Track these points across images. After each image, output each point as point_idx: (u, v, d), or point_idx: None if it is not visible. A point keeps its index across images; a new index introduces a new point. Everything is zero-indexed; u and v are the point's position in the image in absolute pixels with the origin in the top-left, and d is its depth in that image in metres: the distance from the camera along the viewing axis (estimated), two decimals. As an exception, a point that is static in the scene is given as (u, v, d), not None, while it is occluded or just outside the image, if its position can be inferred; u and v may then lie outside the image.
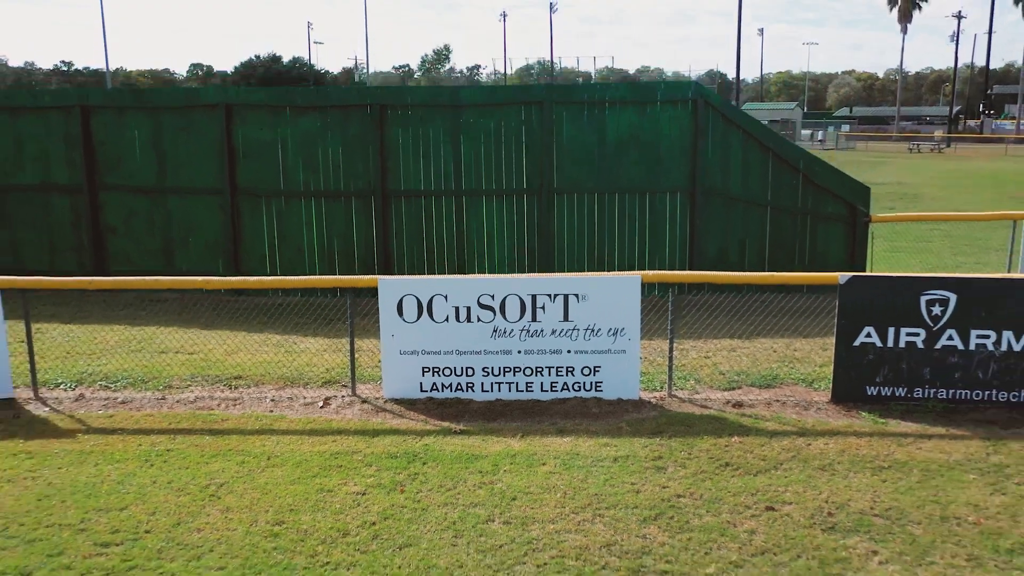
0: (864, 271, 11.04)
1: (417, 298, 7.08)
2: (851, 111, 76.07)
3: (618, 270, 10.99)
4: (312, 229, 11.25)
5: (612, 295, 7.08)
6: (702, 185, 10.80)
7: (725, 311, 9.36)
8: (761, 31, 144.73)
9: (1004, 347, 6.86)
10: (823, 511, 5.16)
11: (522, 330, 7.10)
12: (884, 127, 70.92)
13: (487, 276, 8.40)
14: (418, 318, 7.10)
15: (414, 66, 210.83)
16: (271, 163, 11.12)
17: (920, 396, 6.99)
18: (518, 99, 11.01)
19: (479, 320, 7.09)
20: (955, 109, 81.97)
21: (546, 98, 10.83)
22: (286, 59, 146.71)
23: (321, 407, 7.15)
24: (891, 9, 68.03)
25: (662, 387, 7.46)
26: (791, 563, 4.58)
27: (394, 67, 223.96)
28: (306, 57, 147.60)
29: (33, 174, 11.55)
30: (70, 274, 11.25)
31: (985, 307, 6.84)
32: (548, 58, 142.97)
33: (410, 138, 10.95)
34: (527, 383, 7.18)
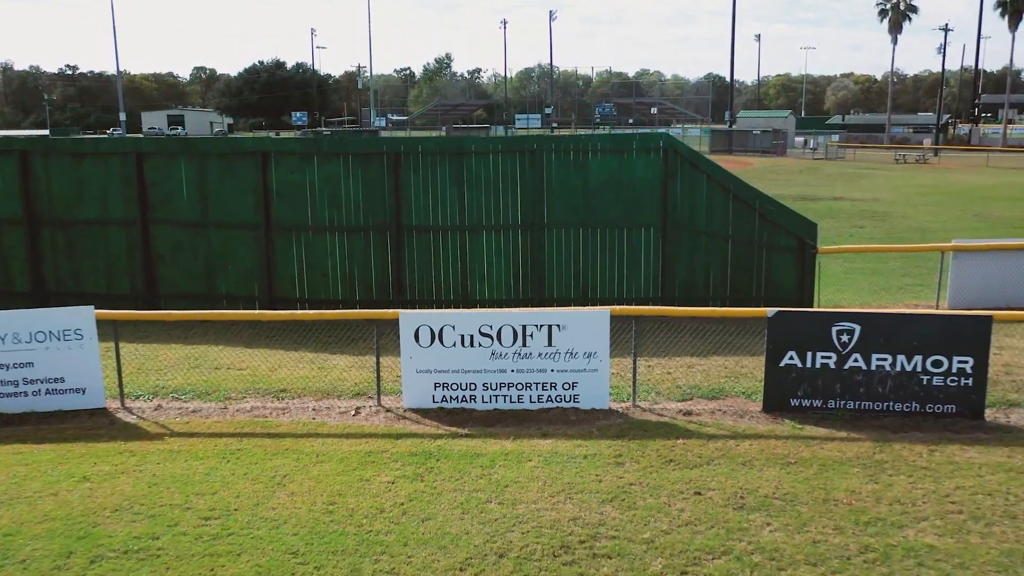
0: (812, 296, 12.81)
1: (430, 328, 8.84)
2: (843, 119, 77.80)
3: (600, 295, 12.77)
4: (335, 258, 13.01)
5: (587, 325, 8.84)
6: (672, 221, 12.57)
7: (689, 331, 11.09)
8: (758, 37, 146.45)
9: (899, 368, 8.62)
10: (737, 495, 6.91)
11: (515, 353, 8.86)
12: (877, 134, 72.69)
13: (486, 310, 10.10)
14: (431, 344, 8.86)
15: (415, 68, 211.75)
16: (301, 201, 12.88)
17: (832, 407, 8.75)
18: (514, 148, 12.77)
19: (480, 345, 8.85)
20: (947, 116, 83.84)
21: (538, 147, 12.61)
22: (289, 64, 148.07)
23: (354, 415, 8.92)
24: (881, 20, 69.76)
25: (628, 398, 9.22)
26: (706, 531, 6.33)
27: (395, 70, 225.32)
28: (309, 62, 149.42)
29: (93, 210, 13.30)
30: (124, 297, 13.12)
31: (883, 336, 8.60)
32: (548, 62, 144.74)
33: (420, 180, 12.72)
34: (519, 396, 8.94)
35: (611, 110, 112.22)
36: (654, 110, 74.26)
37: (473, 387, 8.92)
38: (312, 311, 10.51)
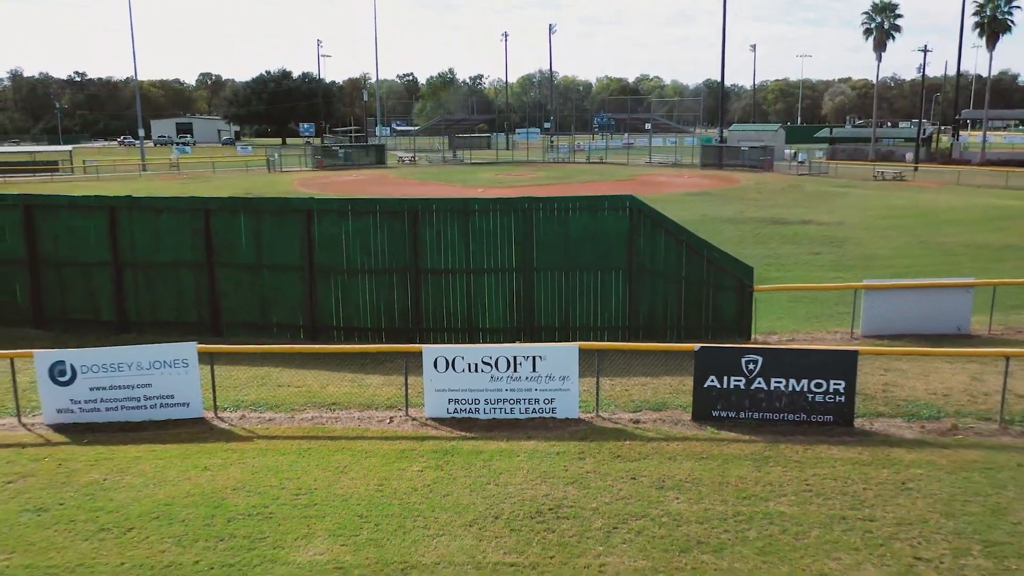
0: (750, 325, 15.87)
1: (446, 358, 11.93)
2: (831, 132, 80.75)
3: (579, 323, 15.86)
4: (366, 294, 16.10)
5: (561, 356, 11.93)
6: (637, 265, 15.65)
7: (646, 357, 14.16)
8: (753, 47, 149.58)
9: (791, 388, 11.69)
10: (660, 480, 9.99)
11: (508, 377, 11.94)
12: (864, 147, 75.68)
13: (487, 346, 13.13)
14: (446, 370, 11.95)
15: (417, 72, 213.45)
16: (338, 249, 15.98)
17: (742, 417, 11.83)
18: (509, 207, 15.84)
19: (482, 371, 11.93)
20: (936, 125, 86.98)
21: (528, 206, 15.69)
22: (295, 72, 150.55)
23: (388, 423, 12.01)
24: (867, 39, 72.76)
25: (593, 410, 12.30)
26: (634, 503, 9.41)
27: (398, 76, 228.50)
28: (314, 71, 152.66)
29: (169, 255, 16.41)
30: (193, 325, 16.25)
31: (779, 364, 11.69)
32: (548, 68, 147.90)
33: (434, 233, 15.81)
34: (511, 408, 12.02)
35: (608, 120, 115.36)
36: (648, 126, 77.49)
37: (477, 402, 12.01)
38: (357, 345, 13.62)
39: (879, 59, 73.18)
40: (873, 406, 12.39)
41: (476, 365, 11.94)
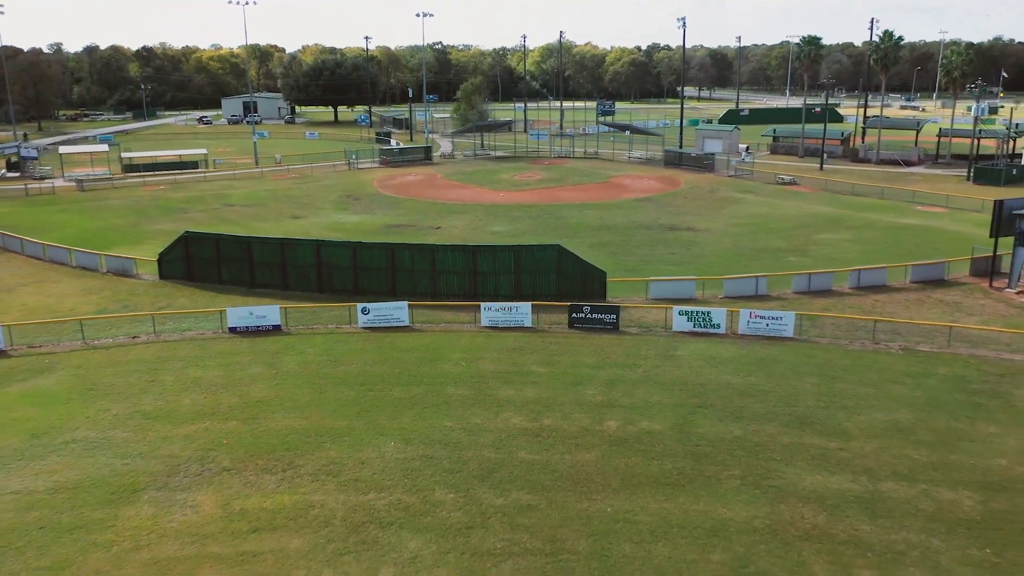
0: (605, 294, 40.65)
1: (489, 307, 36.98)
2: (775, 131, 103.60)
3: (539, 291, 40.78)
4: (454, 281, 41.10)
5: (525, 307, 36.92)
6: (560, 270, 40.47)
7: (558, 307, 38.95)
8: (739, 38, 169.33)
9: (598, 316, 36.54)
10: (549, 343, 34.92)
11: (508, 313, 36.93)
12: (798, 143, 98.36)
13: (502, 302, 37.91)
14: (488, 311, 36.97)
15: (446, 41, 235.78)
16: (445, 262, 40.93)
17: (585, 327, 36.69)
18: (515, 249, 40.62)
19: (501, 311, 36.93)
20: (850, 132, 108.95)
21: (519, 247, 40.56)
22: (342, 45, 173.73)
23: (468, 328, 37.07)
24: (799, 69, 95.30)
25: (536, 325, 37.21)
26: (539, 346, 34.37)
27: (429, 44, 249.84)
28: (348, 49, 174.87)
29: (376, 264, 41.45)
30: (385, 292, 41.63)
31: (594, 310, 36.52)
32: (567, 37, 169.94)
33: (484, 257, 40.67)
34: (508, 323, 36.98)
35: (611, 107, 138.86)
36: (628, 132, 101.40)
37: (498, 321, 37.01)
38: (453, 301, 38.79)
39: (806, 81, 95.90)
40: (631, 324, 37.22)
41: (499, 308, 36.97)
